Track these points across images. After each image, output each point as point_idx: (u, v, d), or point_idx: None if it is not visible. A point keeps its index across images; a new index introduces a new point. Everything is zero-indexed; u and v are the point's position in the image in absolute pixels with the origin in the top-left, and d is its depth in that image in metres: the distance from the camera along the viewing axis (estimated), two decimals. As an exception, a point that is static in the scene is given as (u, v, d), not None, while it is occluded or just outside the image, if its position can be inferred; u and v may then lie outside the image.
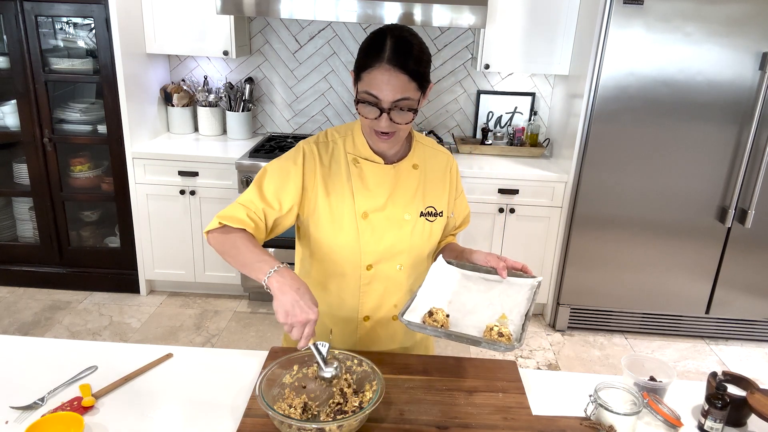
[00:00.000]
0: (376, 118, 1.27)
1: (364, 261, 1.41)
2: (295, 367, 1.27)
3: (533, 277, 1.39)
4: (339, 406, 1.19)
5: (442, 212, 1.47)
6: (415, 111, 1.28)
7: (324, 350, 1.21)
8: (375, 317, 1.49)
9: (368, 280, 1.43)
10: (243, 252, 1.26)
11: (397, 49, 1.23)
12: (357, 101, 1.29)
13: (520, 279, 1.39)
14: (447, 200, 1.49)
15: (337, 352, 1.28)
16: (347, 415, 1.15)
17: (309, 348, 1.20)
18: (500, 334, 1.18)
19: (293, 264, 1.59)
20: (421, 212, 1.43)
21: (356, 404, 1.19)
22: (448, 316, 1.27)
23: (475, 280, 1.41)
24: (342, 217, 1.38)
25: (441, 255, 1.45)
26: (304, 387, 1.26)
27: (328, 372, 1.21)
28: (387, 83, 1.23)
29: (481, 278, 1.41)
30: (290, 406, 1.19)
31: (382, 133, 1.30)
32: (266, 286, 1.19)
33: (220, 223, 1.33)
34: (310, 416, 1.20)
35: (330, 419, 1.17)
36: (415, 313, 1.26)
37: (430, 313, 1.25)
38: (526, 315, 1.27)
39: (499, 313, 1.30)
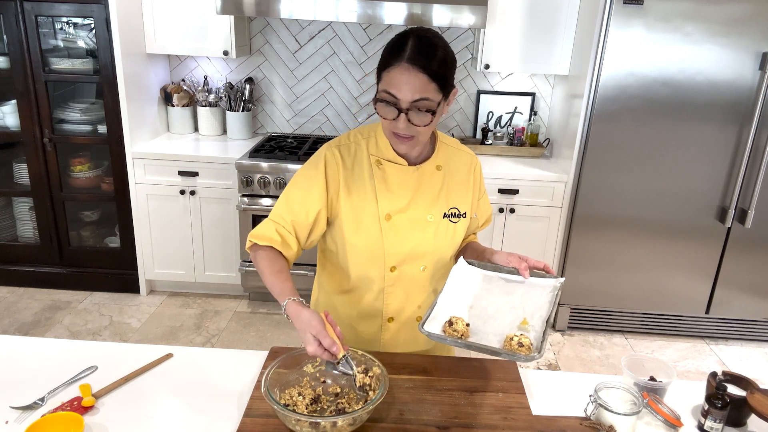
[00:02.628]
0: (394, 119, 1.26)
1: (388, 262, 1.41)
2: (319, 359, 1.28)
3: (555, 277, 1.38)
4: (344, 405, 1.20)
5: (465, 213, 1.47)
6: (433, 113, 1.26)
7: (348, 362, 1.21)
8: (399, 319, 1.49)
9: (392, 282, 1.44)
10: (265, 277, 1.32)
11: (419, 49, 1.23)
12: (376, 101, 1.28)
13: (542, 280, 1.37)
14: (470, 201, 1.49)
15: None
16: (343, 414, 1.15)
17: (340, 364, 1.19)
18: (520, 344, 1.17)
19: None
20: (445, 213, 1.43)
21: (358, 407, 1.19)
22: (468, 324, 1.25)
23: (497, 281, 1.39)
24: (366, 218, 1.39)
25: (462, 256, 1.44)
26: (323, 381, 1.27)
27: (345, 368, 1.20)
28: (406, 83, 1.22)
29: (503, 279, 1.40)
30: (300, 395, 1.20)
31: (400, 136, 1.30)
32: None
33: (250, 241, 1.38)
34: (318, 408, 1.20)
35: (331, 415, 1.17)
36: (435, 322, 1.25)
37: (450, 323, 1.23)
38: (547, 320, 1.25)
39: (521, 318, 1.28)
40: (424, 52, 1.23)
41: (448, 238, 1.45)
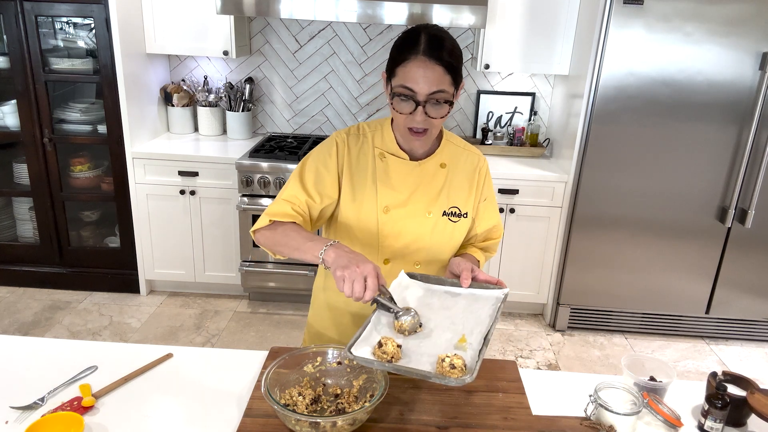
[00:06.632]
0: (411, 113, 1.28)
1: (382, 255, 1.42)
2: (319, 359, 1.28)
3: (500, 288, 1.32)
4: (344, 405, 1.20)
5: (466, 213, 1.46)
6: (450, 104, 1.29)
7: (388, 299, 1.21)
8: None
9: (385, 275, 1.42)
10: (295, 237, 1.31)
11: (432, 43, 1.25)
12: (392, 96, 1.29)
13: (486, 291, 1.32)
14: (473, 202, 1.48)
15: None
16: (343, 414, 1.15)
17: (377, 301, 1.19)
18: (452, 366, 1.09)
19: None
20: (444, 211, 1.44)
21: (358, 407, 1.19)
22: (399, 346, 1.15)
23: (440, 295, 1.33)
24: (364, 209, 1.40)
25: (402, 270, 1.39)
26: (323, 383, 1.27)
27: (404, 317, 1.20)
28: (423, 75, 1.24)
29: (446, 292, 1.33)
30: (300, 395, 1.20)
31: (415, 131, 1.31)
32: (323, 261, 1.22)
33: (270, 220, 1.36)
34: (318, 408, 1.20)
35: (331, 415, 1.17)
36: (366, 343, 1.16)
37: (380, 344, 1.14)
38: (485, 338, 1.17)
39: (460, 335, 1.21)
40: (437, 44, 1.25)
41: (446, 236, 1.45)
